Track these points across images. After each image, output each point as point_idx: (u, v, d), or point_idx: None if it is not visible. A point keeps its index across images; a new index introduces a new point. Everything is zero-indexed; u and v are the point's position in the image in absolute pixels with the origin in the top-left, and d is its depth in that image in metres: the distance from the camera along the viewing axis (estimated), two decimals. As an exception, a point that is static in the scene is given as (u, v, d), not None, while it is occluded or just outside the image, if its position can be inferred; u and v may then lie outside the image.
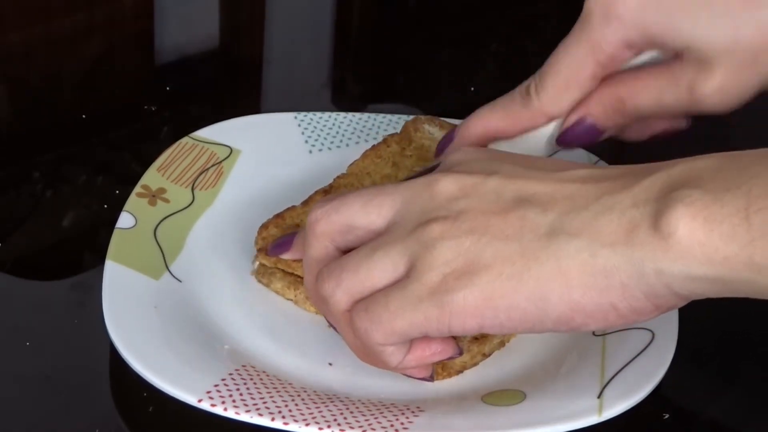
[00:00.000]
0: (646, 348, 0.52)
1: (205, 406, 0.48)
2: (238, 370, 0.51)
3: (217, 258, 0.58)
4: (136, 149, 0.68)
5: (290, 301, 0.57)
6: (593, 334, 0.54)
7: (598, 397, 0.50)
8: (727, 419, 0.55)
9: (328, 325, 0.52)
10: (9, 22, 0.74)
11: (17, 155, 0.68)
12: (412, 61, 0.82)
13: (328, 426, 0.48)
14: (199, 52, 0.81)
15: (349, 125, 0.67)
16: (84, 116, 0.71)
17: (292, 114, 0.67)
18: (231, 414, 0.48)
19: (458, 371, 0.53)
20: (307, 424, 0.48)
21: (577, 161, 0.58)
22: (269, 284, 0.57)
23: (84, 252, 0.61)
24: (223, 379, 0.50)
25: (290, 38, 0.82)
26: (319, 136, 0.66)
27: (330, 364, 0.53)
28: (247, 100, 0.77)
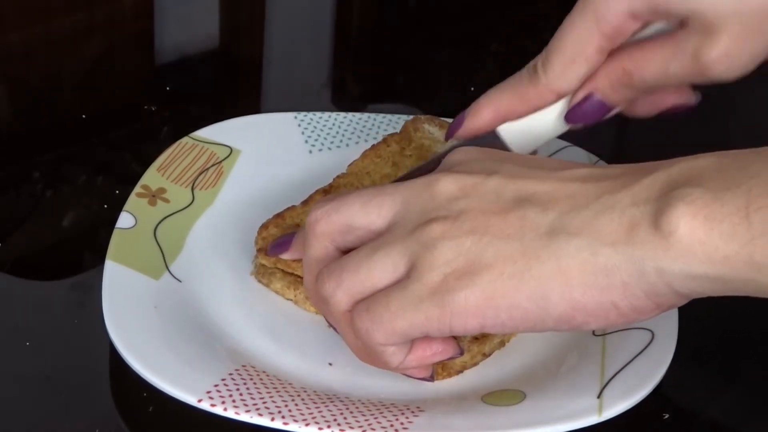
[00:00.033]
0: (646, 348, 0.52)
1: (205, 406, 0.48)
2: (238, 370, 0.51)
3: (217, 258, 0.58)
4: (136, 149, 0.68)
5: (290, 301, 0.57)
6: (593, 334, 0.54)
7: (598, 396, 0.50)
8: (727, 419, 0.55)
9: (328, 325, 0.52)
10: (9, 22, 0.74)
11: (17, 155, 0.68)
12: (412, 61, 0.82)
13: (328, 426, 0.48)
14: (199, 52, 0.81)
15: (349, 125, 0.67)
16: (84, 116, 0.71)
17: (292, 114, 0.67)
18: (231, 414, 0.48)
19: (458, 371, 0.53)
20: (307, 424, 0.48)
21: (577, 161, 0.59)
22: (269, 284, 0.57)
23: (84, 252, 0.61)
24: (223, 379, 0.50)
25: (290, 38, 0.82)
26: (319, 136, 0.66)
27: (330, 364, 0.53)
28: (247, 100, 0.77)
